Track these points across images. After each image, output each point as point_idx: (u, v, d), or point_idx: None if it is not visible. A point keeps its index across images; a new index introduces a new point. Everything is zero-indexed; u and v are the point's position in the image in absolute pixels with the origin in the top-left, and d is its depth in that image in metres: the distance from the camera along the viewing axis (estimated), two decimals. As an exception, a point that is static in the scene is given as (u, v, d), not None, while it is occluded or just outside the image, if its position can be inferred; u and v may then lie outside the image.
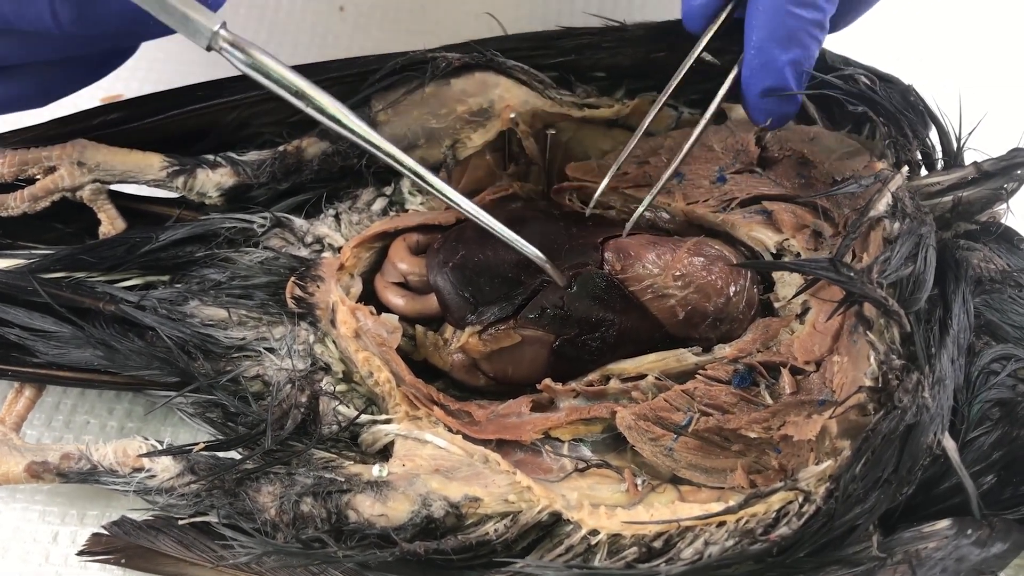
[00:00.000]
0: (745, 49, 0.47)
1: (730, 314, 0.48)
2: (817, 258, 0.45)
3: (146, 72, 0.69)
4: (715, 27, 0.48)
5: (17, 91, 0.46)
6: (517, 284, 0.48)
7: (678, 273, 0.48)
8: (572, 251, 0.48)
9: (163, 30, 0.44)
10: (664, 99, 0.49)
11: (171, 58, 0.69)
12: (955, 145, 0.49)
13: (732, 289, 0.48)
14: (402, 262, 0.50)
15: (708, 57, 0.49)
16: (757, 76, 0.47)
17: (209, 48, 0.43)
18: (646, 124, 0.49)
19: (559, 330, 0.48)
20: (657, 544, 0.42)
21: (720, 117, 0.52)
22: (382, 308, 0.51)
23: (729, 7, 0.48)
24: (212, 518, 0.46)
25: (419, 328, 0.50)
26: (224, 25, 0.43)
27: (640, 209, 0.49)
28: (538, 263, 0.47)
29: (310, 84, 0.44)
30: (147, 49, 0.69)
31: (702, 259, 0.48)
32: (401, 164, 0.46)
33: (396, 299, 0.50)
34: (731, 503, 0.42)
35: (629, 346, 0.48)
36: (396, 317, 0.50)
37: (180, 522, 0.47)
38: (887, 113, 0.48)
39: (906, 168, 0.46)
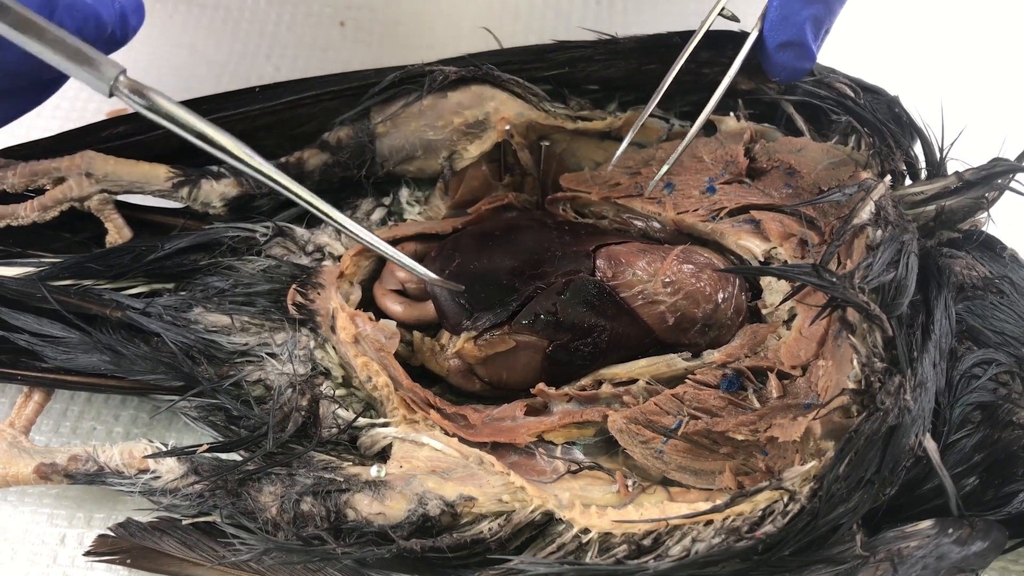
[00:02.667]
0: (768, 2, 0.47)
1: (719, 320, 0.49)
2: (801, 264, 0.46)
3: (155, 81, 0.70)
4: (703, 30, 0.49)
5: None
6: (512, 291, 0.49)
7: (667, 280, 0.49)
8: (565, 258, 0.50)
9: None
10: (665, 85, 0.49)
11: (174, 73, 0.70)
12: (938, 155, 0.50)
13: (720, 296, 0.49)
14: (400, 271, 0.52)
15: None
16: (776, 29, 0.47)
17: (111, 94, 0.42)
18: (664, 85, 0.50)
19: (552, 335, 0.49)
20: (646, 542, 0.43)
21: (710, 129, 0.54)
22: (381, 315, 0.52)
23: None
24: (215, 518, 0.47)
25: (416, 334, 0.52)
26: (124, 72, 0.42)
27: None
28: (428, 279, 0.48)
29: (211, 125, 0.44)
30: (150, 63, 0.70)
31: (691, 266, 0.50)
32: (301, 198, 0.45)
33: (394, 306, 0.52)
34: (718, 502, 0.43)
35: (621, 351, 0.50)
36: (394, 323, 0.51)
37: (184, 522, 0.48)
38: (870, 124, 0.49)
39: (889, 177, 0.47)
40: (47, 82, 0.48)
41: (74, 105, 0.69)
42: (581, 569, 0.43)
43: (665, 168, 0.50)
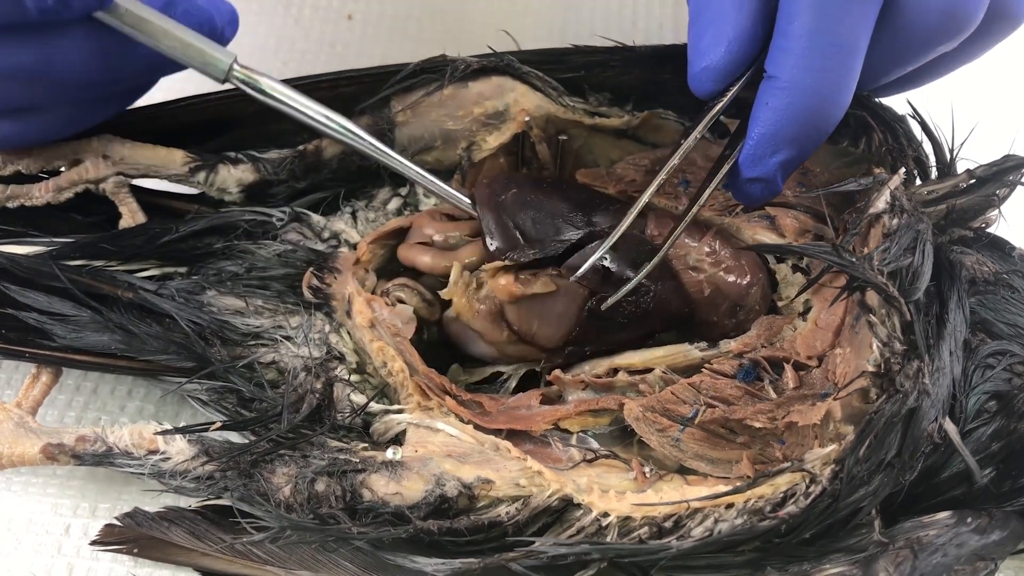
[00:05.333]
0: (747, 134, 0.45)
1: (748, 303, 0.49)
2: (821, 243, 0.47)
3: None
4: (721, 105, 0.46)
5: (43, 126, 0.48)
6: (563, 231, 0.48)
7: (709, 249, 0.49)
8: (616, 214, 0.49)
9: (178, 68, 0.48)
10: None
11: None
12: (948, 155, 0.51)
13: (753, 278, 0.49)
14: (428, 227, 0.51)
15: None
16: (747, 165, 0.46)
17: (225, 80, 0.48)
18: (676, 159, 0.47)
19: (598, 287, 0.48)
20: (668, 524, 0.43)
21: (723, 131, 0.54)
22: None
23: (741, 82, 0.46)
24: (225, 501, 0.46)
25: (456, 265, 0.49)
26: (236, 59, 0.48)
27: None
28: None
29: (321, 105, 0.48)
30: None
31: (728, 248, 0.50)
32: (416, 172, 0.50)
33: (423, 257, 0.50)
34: (739, 484, 0.43)
35: (656, 321, 0.49)
36: (411, 309, 0.50)
37: (192, 505, 0.47)
38: (884, 121, 0.50)
39: (903, 169, 0.48)
40: (142, 86, 0.51)
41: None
42: (604, 549, 0.42)
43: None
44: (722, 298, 0.49)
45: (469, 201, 0.50)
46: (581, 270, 0.48)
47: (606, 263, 0.48)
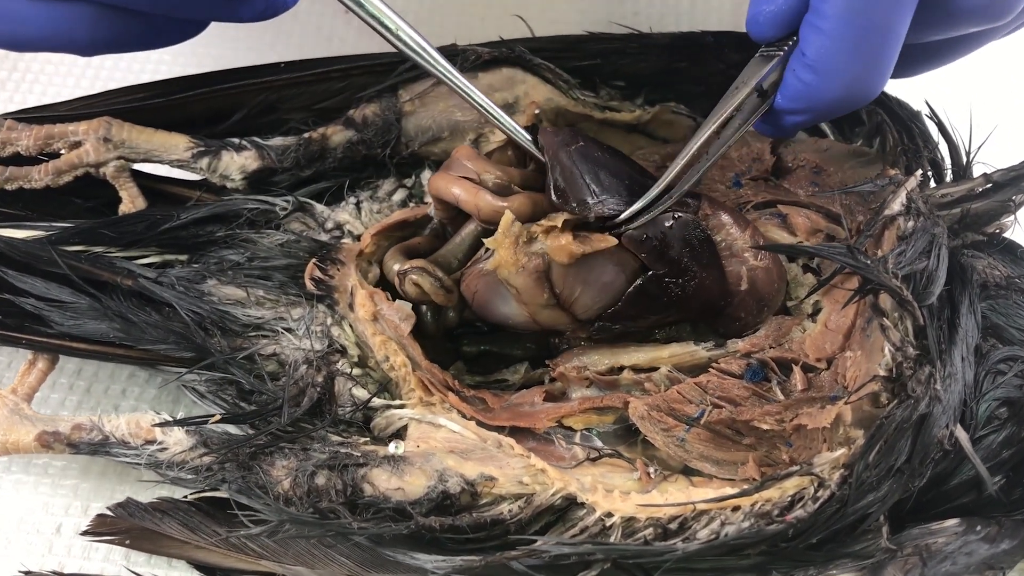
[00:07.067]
0: (776, 93, 0.45)
1: (775, 301, 0.48)
2: (835, 244, 0.46)
3: (155, 68, 0.70)
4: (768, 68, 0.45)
5: (63, 27, 0.42)
6: (629, 195, 0.46)
7: (752, 243, 0.48)
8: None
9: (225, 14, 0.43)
10: (714, 126, 0.46)
11: (176, 63, 0.70)
12: (965, 158, 0.51)
13: (780, 277, 0.48)
14: (469, 161, 0.47)
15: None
16: (767, 119, 0.46)
17: None
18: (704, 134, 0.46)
19: (653, 263, 0.46)
20: (673, 526, 0.42)
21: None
22: (397, 295, 0.50)
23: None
24: (222, 493, 0.46)
25: (508, 215, 0.46)
26: None
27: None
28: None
29: (411, 28, 0.45)
30: (151, 55, 0.69)
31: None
32: (482, 101, 0.46)
33: (455, 188, 0.46)
34: (746, 487, 0.42)
35: (691, 308, 0.48)
36: (409, 305, 0.49)
37: (188, 496, 0.46)
38: (900, 121, 0.50)
39: (919, 171, 0.47)
40: (175, 25, 0.45)
41: (99, 74, 0.69)
42: (607, 549, 0.41)
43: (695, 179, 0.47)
44: (755, 294, 0.48)
45: (535, 143, 0.47)
46: (628, 211, 0.45)
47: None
